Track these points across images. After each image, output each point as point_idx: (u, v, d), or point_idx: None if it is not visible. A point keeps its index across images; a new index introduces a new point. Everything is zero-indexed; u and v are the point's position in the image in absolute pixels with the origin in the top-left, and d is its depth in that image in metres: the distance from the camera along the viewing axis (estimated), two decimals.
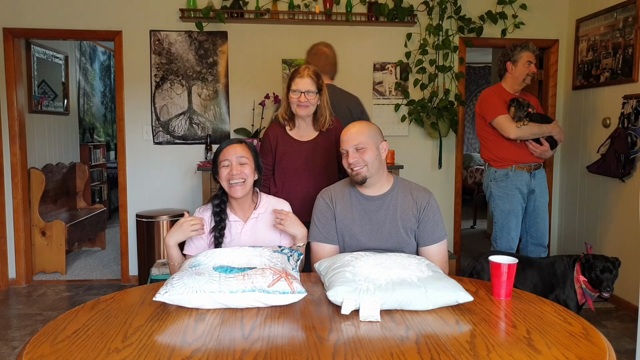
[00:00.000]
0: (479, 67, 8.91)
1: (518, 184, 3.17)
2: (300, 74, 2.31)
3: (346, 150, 1.93)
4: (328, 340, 1.25)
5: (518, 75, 3.19)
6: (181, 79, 4.18)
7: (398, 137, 4.32)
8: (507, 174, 3.18)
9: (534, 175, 3.21)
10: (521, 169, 3.18)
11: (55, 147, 5.16)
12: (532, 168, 3.20)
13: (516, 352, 1.18)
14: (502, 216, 3.22)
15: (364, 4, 4.16)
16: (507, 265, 1.56)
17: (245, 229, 1.97)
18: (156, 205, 4.24)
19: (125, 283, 4.30)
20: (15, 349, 2.99)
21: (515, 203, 3.18)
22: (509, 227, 3.21)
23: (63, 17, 4.06)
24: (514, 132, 3.07)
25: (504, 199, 3.20)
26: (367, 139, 1.91)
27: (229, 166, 1.91)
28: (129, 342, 1.24)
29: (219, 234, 1.94)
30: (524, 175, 3.18)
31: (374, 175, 1.92)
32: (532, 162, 3.19)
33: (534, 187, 3.22)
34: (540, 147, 3.14)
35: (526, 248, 3.39)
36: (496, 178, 3.22)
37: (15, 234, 4.22)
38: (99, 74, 7.18)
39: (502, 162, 3.20)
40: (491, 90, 3.28)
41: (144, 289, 1.68)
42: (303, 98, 2.31)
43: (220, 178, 1.93)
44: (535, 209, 3.26)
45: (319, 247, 1.98)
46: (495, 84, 3.34)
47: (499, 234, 3.25)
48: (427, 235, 1.95)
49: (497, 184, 3.22)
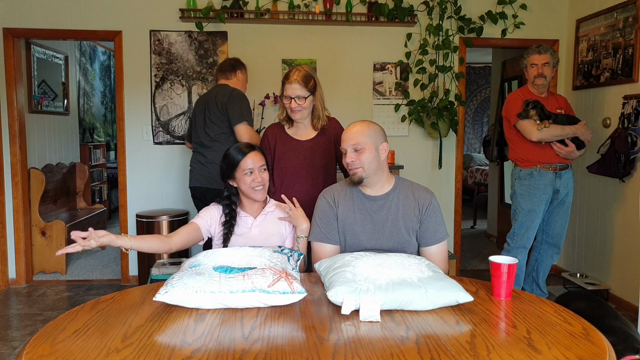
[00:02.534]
0: (479, 67, 8.91)
1: (541, 184, 3.20)
2: (289, 79, 2.32)
3: (345, 150, 1.94)
4: (328, 340, 1.25)
5: (529, 78, 3.30)
6: (181, 79, 4.18)
7: (398, 137, 4.32)
8: (531, 173, 3.22)
9: (559, 176, 3.23)
10: (546, 169, 3.20)
11: (55, 147, 5.16)
12: (557, 169, 3.22)
13: (516, 352, 1.18)
14: (522, 214, 3.24)
15: (364, 4, 4.16)
16: (507, 265, 1.56)
17: (255, 224, 2.08)
18: (156, 205, 4.24)
19: (125, 283, 4.30)
20: (15, 349, 2.99)
21: (537, 202, 3.21)
22: (528, 225, 3.24)
23: (63, 17, 4.06)
24: (535, 134, 3.11)
25: (525, 198, 3.23)
26: (366, 139, 1.91)
27: (253, 174, 2.04)
28: (129, 342, 1.24)
29: (227, 230, 2.05)
30: (549, 175, 3.20)
31: (371, 176, 1.92)
32: (557, 163, 3.22)
33: (559, 187, 3.24)
34: (565, 149, 3.16)
35: (540, 246, 3.41)
36: (520, 177, 3.27)
37: (15, 234, 4.22)
38: (99, 74, 7.18)
39: (527, 162, 3.24)
40: (516, 93, 3.35)
41: (144, 289, 1.68)
42: (294, 104, 2.32)
43: (243, 183, 2.04)
44: (556, 209, 3.30)
45: (319, 247, 1.98)
46: (522, 87, 3.43)
47: (517, 232, 3.28)
48: (429, 236, 1.95)
49: (521, 183, 3.26)
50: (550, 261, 3.42)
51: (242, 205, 2.12)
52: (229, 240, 2.04)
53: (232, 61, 3.39)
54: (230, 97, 3.09)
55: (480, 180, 7.23)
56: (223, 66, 3.38)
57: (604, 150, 3.60)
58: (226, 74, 3.34)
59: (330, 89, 4.14)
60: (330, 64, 4.24)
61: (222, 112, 3.08)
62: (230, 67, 3.35)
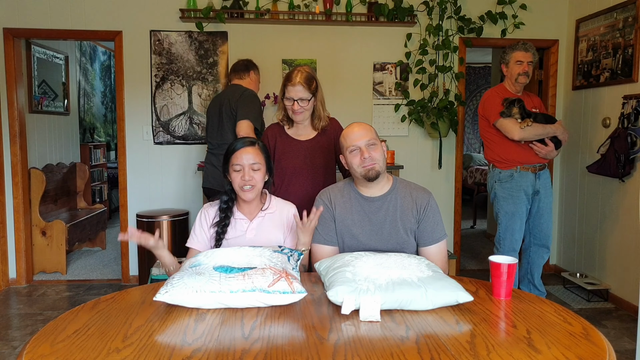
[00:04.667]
0: (479, 67, 8.91)
1: (523, 185, 3.16)
2: (292, 81, 2.28)
3: (357, 147, 1.90)
4: (328, 340, 1.25)
5: (511, 76, 3.22)
6: (181, 79, 4.18)
7: (398, 137, 4.32)
8: (512, 175, 3.17)
9: (538, 176, 3.20)
10: (526, 170, 3.16)
11: (55, 147, 5.17)
12: (537, 169, 3.19)
13: (516, 352, 1.18)
14: (506, 217, 3.20)
15: (364, 4, 4.16)
16: (507, 265, 1.56)
17: (250, 227, 1.97)
18: (156, 205, 4.25)
19: (126, 283, 4.30)
20: (15, 349, 2.99)
21: (519, 204, 3.17)
22: (513, 228, 3.19)
23: (63, 17, 4.06)
24: (517, 133, 3.07)
25: (508, 200, 3.18)
26: (375, 136, 1.95)
27: (241, 171, 1.91)
28: (129, 342, 1.24)
29: (221, 230, 1.95)
30: (529, 176, 3.17)
31: (383, 172, 1.95)
32: (537, 163, 3.18)
33: (539, 188, 3.21)
34: (545, 148, 3.13)
35: (529, 249, 3.37)
36: (501, 179, 3.21)
37: (16, 233, 4.22)
38: (99, 74, 7.19)
39: (506, 163, 3.19)
40: (493, 91, 3.28)
41: (144, 289, 1.68)
42: (297, 106, 2.30)
43: (233, 180, 1.94)
44: (539, 210, 3.25)
45: (318, 249, 1.99)
46: (498, 85, 3.34)
47: (502, 236, 3.24)
48: (427, 236, 1.95)
49: (502, 185, 3.20)
50: (542, 261, 3.39)
51: (239, 205, 2.00)
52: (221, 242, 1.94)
53: (245, 62, 3.42)
54: (242, 96, 3.11)
55: (480, 180, 7.23)
56: (236, 67, 3.40)
57: (603, 150, 3.60)
58: (239, 74, 3.36)
59: (330, 89, 4.15)
60: (330, 64, 4.24)
61: (234, 111, 3.10)
62: (244, 67, 3.38)
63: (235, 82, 3.36)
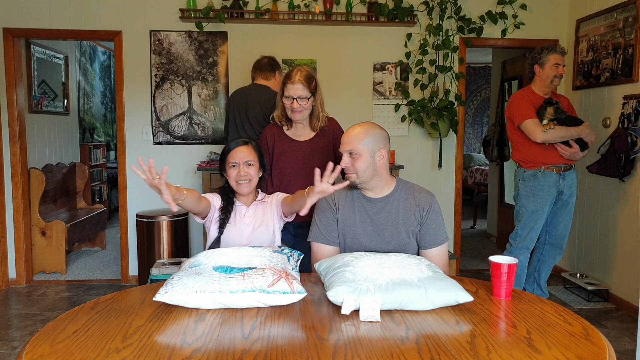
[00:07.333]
0: (479, 67, 8.91)
1: (546, 185, 3.19)
2: (292, 79, 2.28)
3: (342, 154, 1.96)
4: (328, 340, 1.25)
5: (545, 78, 3.22)
6: (181, 79, 4.18)
7: (398, 137, 4.32)
8: (535, 174, 3.21)
9: (563, 177, 3.23)
10: (550, 170, 3.20)
11: (55, 147, 5.16)
12: (561, 169, 3.22)
13: (516, 352, 1.18)
14: (526, 215, 3.24)
15: (364, 4, 4.16)
16: (507, 265, 1.56)
17: (248, 213, 2.14)
18: (156, 205, 4.24)
19: (125, 283, 4.30)
20: (15, 349, 2.99)
21: (541, 203, 3.20)
22: (531, 226, 3.23)
23: (63, 17, 4.06)
24: (540, 136, 3.10)
25: (529, 199, 3.22)
26: (362, 145, 1.90)
27: (237, 167, 2.08)
28: (129, 342, 1.24)
29: (224, 216, 2.10)
30: (553, 176, 3.20)
31: (366, 182, 1.93)
32: (561, 164, 3.21)
33: (563, 188, 3.24)
34: (569, 150, 3.15)
35: (542, 247, 3.40)
36: (524, 178, 3.25)
37: (15, 234, 4.22)
38: (99, 74, 7.18)
39: (531, 163, 3.23)
40: (520, 93, 3.31)
41: (144, 289, 1.68)
42: (296, 104, 2.30)
43: (229, 176, 2.11)
44: (560, 210, 3.30)
45: (319, 248, 1.99)
46: (525, 87, 3.37)
47: (520, 232, 3.27)
48: (429, 238, 1.95)
49: (525, 184, 3.25)
50: (553, 262, 3.42)
51: (236, 196, 2.19)
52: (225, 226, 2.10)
53: (270, 60, 3.27)
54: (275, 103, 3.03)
55: (480, 180, 7.23)
56: (262, 65, 3.25)
57: (603, 150, 3.60)
58: (265, 73, 3.23)
59: (330, 89, 4.15)
60: (330, 64, 4.24)
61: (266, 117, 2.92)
62: (270, 67, 3.24)
63: (260, 81, 3.22)
